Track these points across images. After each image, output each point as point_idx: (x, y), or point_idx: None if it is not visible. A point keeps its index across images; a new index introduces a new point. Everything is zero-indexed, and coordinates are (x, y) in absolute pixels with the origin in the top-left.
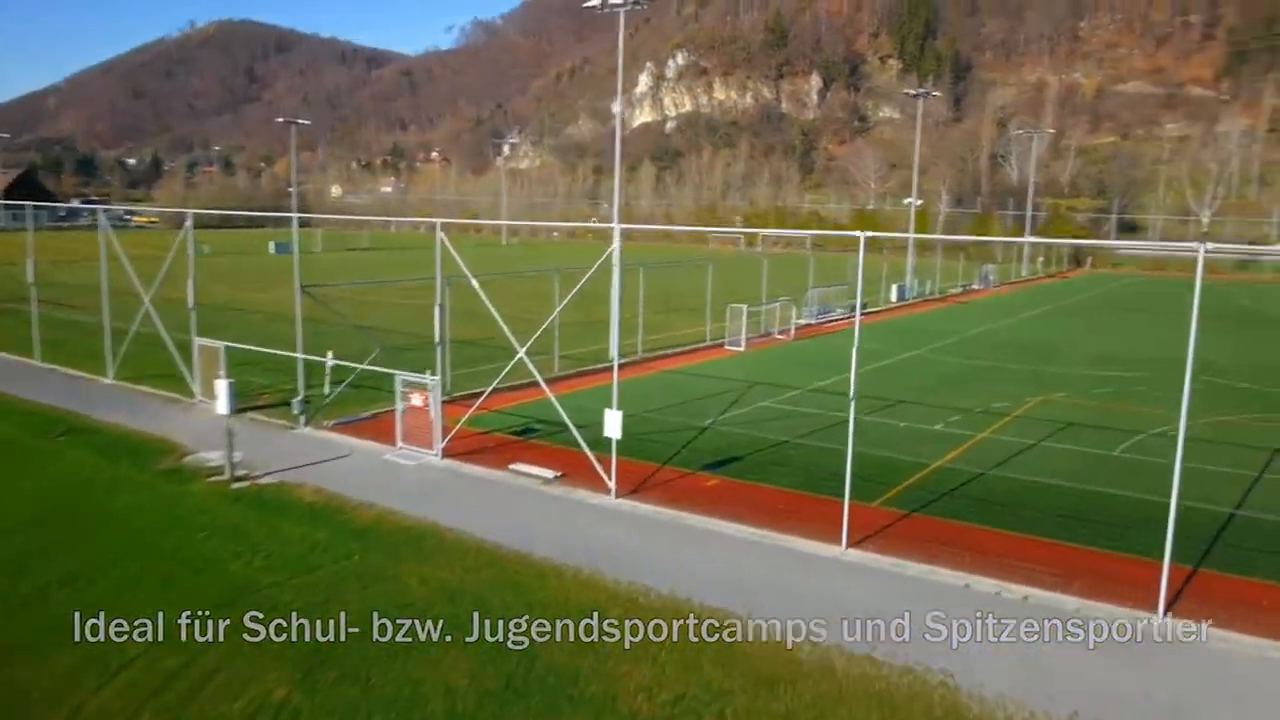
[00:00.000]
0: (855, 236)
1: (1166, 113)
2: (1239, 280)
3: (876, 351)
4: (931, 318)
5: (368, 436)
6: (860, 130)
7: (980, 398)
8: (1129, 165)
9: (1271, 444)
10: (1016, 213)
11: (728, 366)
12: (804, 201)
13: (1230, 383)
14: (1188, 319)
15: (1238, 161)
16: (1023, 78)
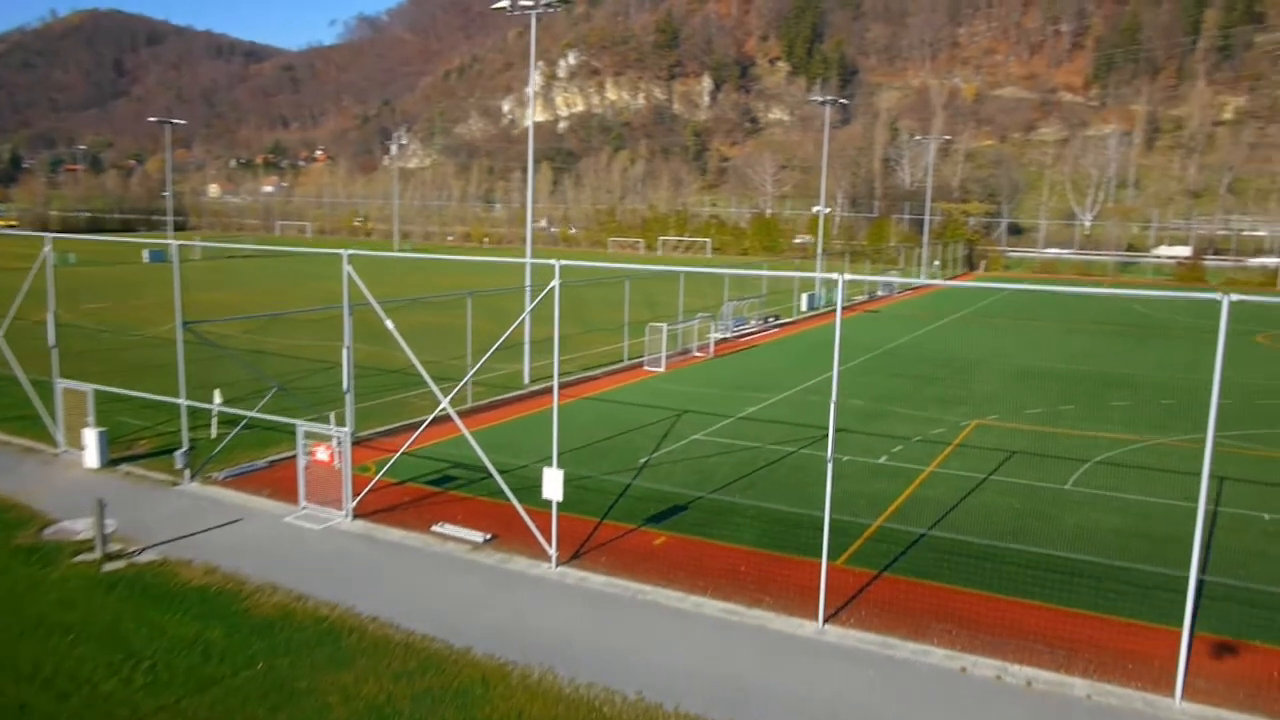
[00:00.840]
0: (832, 279)
1: (1041, 117)
2: (1121, 282)
3: (798, 371)
4: (845, 329)
5: (266, 492)
6: (752, 132)
7: (915, 423)
8: (1013, 169)
9: (1215, 469)
10: (913, 216)
11: (651, 391)
12: (704, 205)
13: (1153, 399)
14: (1094, 327)
15: (1115, 166)
16: (906, 81)
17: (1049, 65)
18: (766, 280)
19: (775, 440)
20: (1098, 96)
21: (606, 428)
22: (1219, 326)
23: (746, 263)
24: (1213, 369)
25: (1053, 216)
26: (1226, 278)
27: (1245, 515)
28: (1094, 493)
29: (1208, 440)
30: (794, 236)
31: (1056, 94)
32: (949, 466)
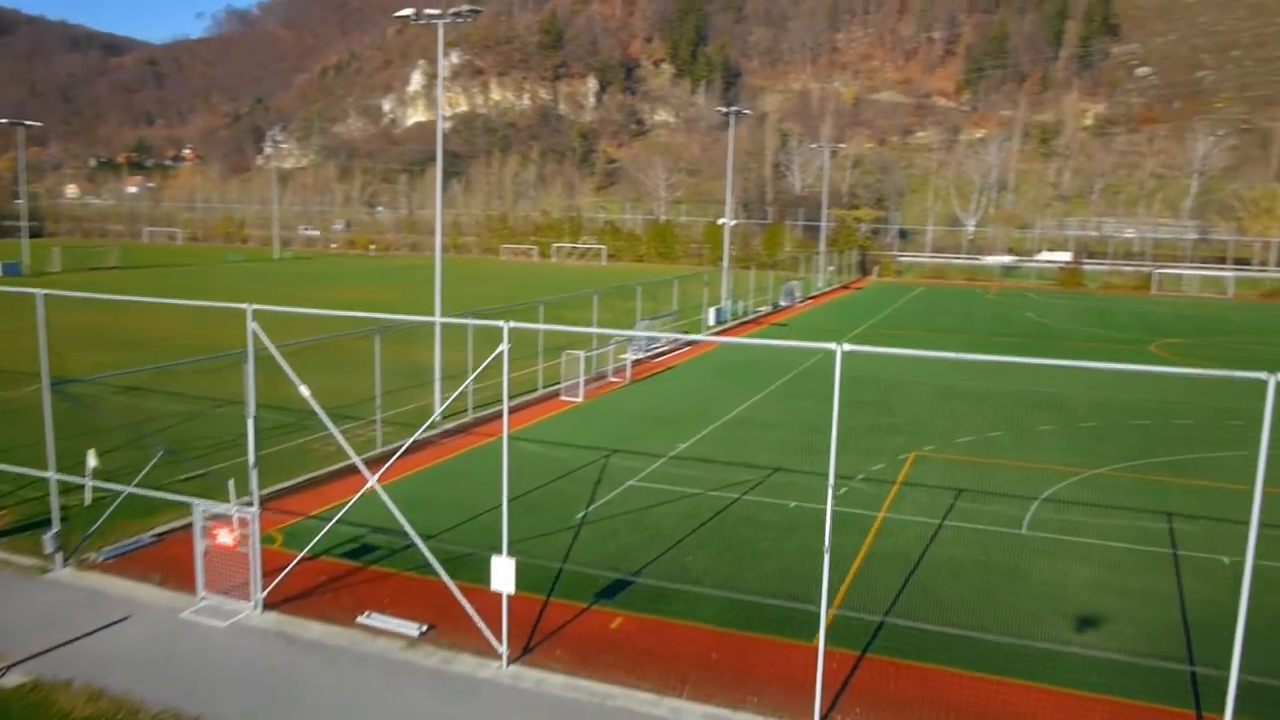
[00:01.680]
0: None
1: (917, 122)
2: (1009, 288)
3: (719, 398)
4: (755, 349)
5: (156, 578)
6: (638, 133)
7: (853, 456)
8: (897, 175)
9: (1159, 504)
10: (807, 223)
11: (573, 427)
12: (598, 211)
13: (1077, 422)
14: (999, 339)
15: (996, 172)
16: (788, 85)
17: (923, 71)
18: (669, 293)
19: (715, 485)
20: (969, 102)
21: (534, 475)
22: (1264, 408)
23: (658, 274)
24: (1125, 385)
25: (938, 222)
26: (1103, 281)
27: (1202, 560)
28: (1053, 538)
29: (1252, 527)
30: (690, 244)
31: (931, 99)
32: (901, 510)
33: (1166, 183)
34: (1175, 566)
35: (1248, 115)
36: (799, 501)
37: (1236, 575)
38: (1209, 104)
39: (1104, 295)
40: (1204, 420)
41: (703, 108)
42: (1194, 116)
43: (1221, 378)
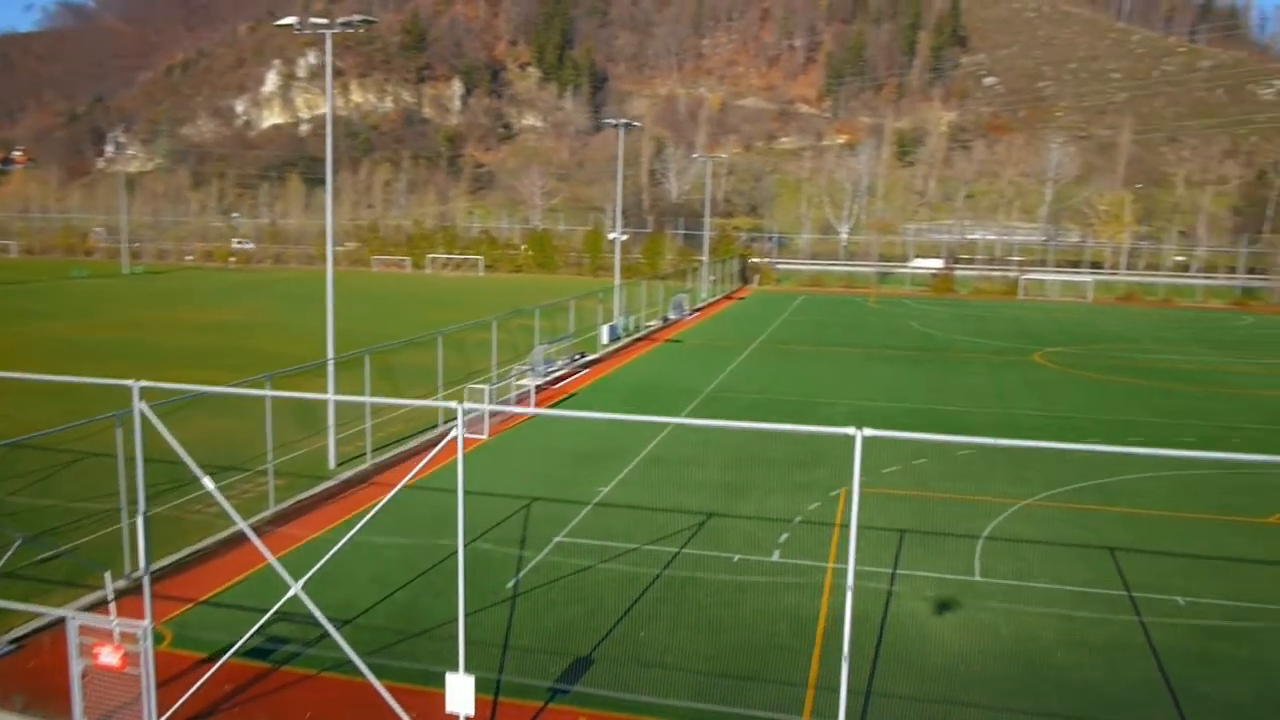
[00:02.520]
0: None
1: (781, 127)
2: (886, 295)
3: (632, 428)
4: (655, 366)
5: (18, 700)
6: (505, 137)
7: (785, 495)
8: (767, 181)
9: (1099, 538)
10: (689, 231)
11: (483, 469)
12: (473, 220)
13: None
14: (888, 351)
15: (866, 179)
16: (655, 90)
17: (785, 78)
18: (559, 310)
19: (650, 537)
20: (831, 109)
21: (451, 532)
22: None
23: (538, 284)
24: (1021, 398)
25: (813, 229)
26: (973, 287)
27: (1157, 601)
28: (1008, 585)
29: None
30: (569, 253)
31: (795, 105)
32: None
33: (1024, 190)
34: (1135, 610)
35: (1084, 124)
36: (741, 554)
37: (1199, 616)
38: (1050, 113)
39: (976, 301)
40: (1109, 438)
41: (571, 112)
42: (1037, 125)
43: (1248, 461)
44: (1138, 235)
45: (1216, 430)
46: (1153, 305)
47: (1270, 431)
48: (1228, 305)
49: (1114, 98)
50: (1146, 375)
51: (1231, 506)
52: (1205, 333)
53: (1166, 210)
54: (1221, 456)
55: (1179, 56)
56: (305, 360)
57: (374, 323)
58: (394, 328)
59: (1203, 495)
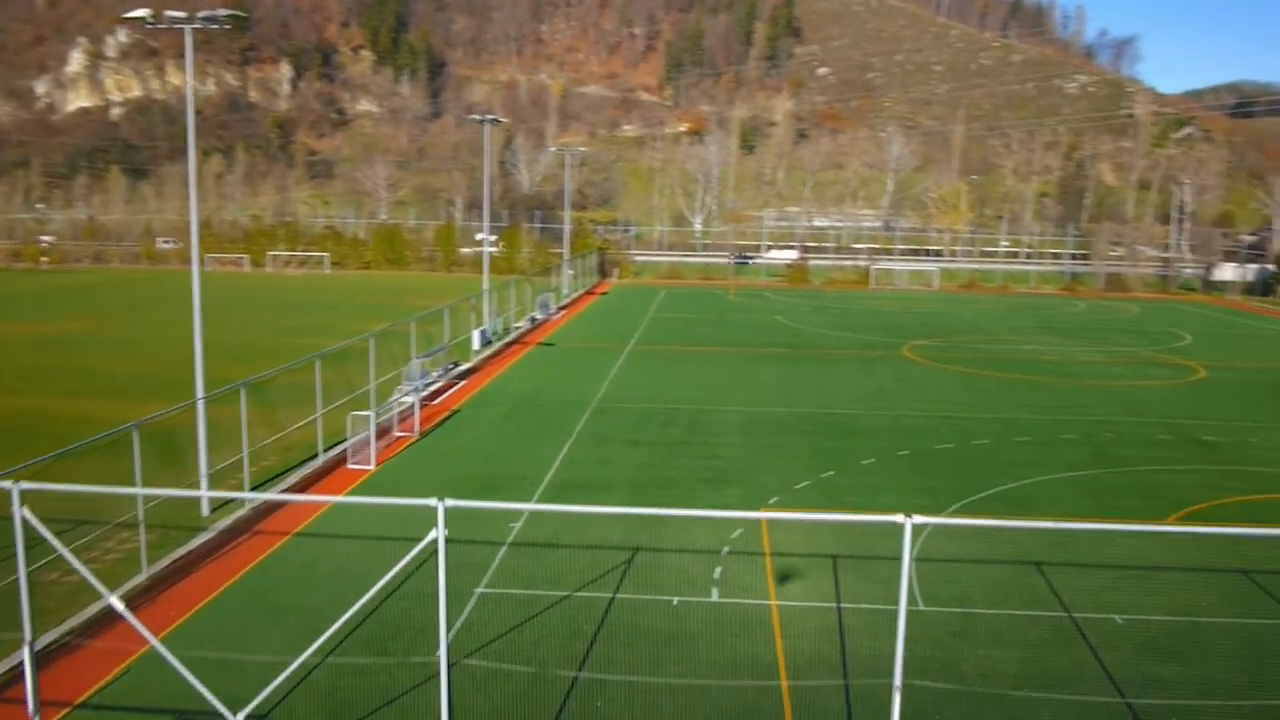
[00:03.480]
0: None
1: (623, 115)
2: (744, 286)
3: (525, 449)
4: (533, 374)
5: None
6: (340, 124)
7: (707, 524)
8: (618, 173)
9: (1021, 553)
10: (547, 225)
11: (362, 511)
12: (317, 215)
13: (889, 450)
14: (766, 350)
15: (716, 170)
16: (495, 76)
17: (626, 65)
18: (418, 316)
19: (578, 582)
20: (672, 97)
21: (357, 588)
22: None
23: (389, 282)
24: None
25: (666, 221)
26: (827, 277)
27: (1097, 621)
28: (955, 613)
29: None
30: (421, 248)
31: (636, 93)
32: (791, 595)
33: (868, 180)
34: (1080, 632)
35: (911, 114)
36: (680, 596)
37: (1140, 634)
38: (880, 103)
39: (831, 292)
40: (997, 439)
41: (408, 97)
42: (869, 115)
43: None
44: (973, 224)
45: (1092, 425)
46: (993, 292)
47: (1138, 424)
48: (1058, 291)
49: (937, 89)
50: (1011, 368)
51: (1127, 509)
52: (1048, 320)
53: (997, 200)
54: (1252, 533)
55: (994, 51)
56: (152, 381)
57: (224, 331)
58: (249, 337)
59: (1098, 498)
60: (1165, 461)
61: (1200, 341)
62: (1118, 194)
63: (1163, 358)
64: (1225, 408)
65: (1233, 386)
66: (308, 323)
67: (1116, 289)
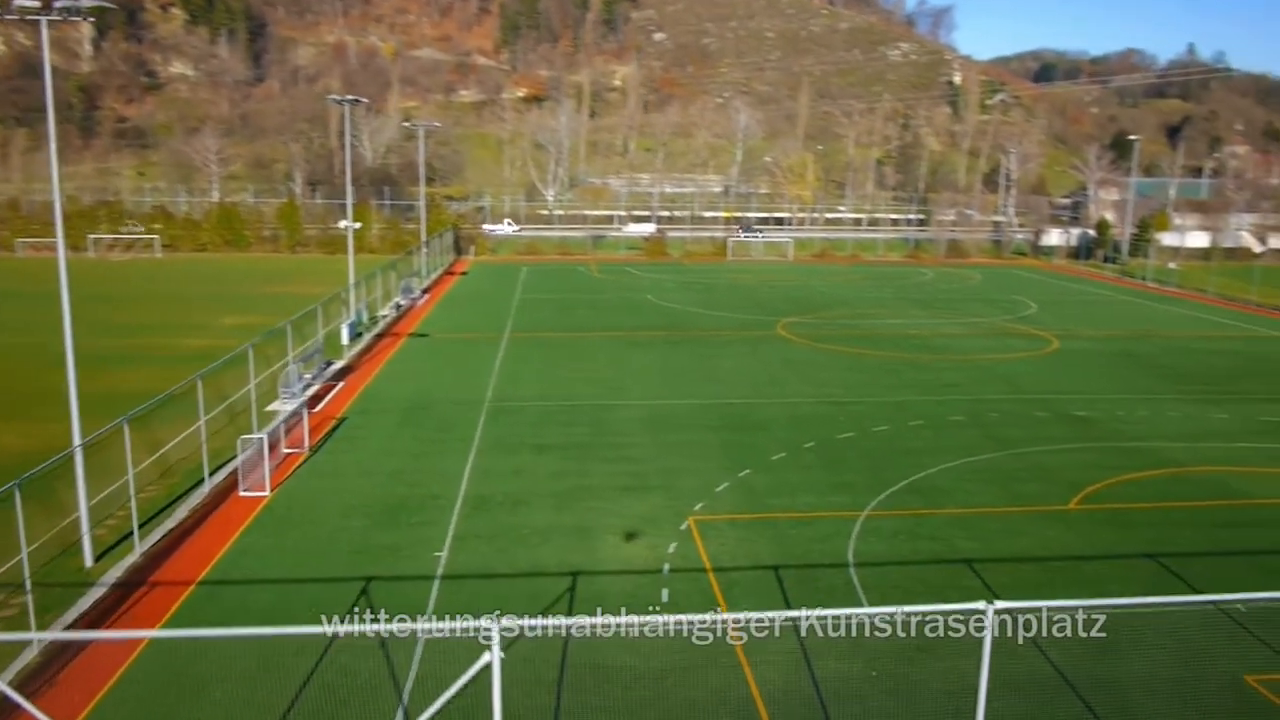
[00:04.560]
0: None
1: (459, 79)
2: (605, 261)
3: (433, 462)
4: (414, 371)
5: None
6: (151, 88)
7: (643, 545)
8: (460, 145)
9: (949, 550)
10: (398, 202)
11: (278, 548)
12: (145, 194)
13: (794, 443)
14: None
15: (567, 141)
16: (320, 37)
17: (460, 28)
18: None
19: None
20: (508, 61)
21: (284, 644)
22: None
23: (230, 265)
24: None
25: (519, 193)
26: (685, 249)
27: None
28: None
29: None
30: (261, 227)
31: (471, 57)
32: (742, 612)
33: (718, 150)
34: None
35: (746, 81)
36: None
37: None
38: (715, 69)
39: (692, 265)
40: (892, 424)
41: (227, 60)
42: (705, 80)
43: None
44: (820, 193)
45: (974, 405)
46: (844, 261)
47: (1015, 402)
48: (905, 259)
49: (770, 55)
50: (885, 345)
51: (1030, 495)
52: (905, 291)
53: (840, 169)
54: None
55: (822, 19)
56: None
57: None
58: (87, 339)
59: (1003, 485)
60: (1050, 441)
61: (1045, 310)
62: (951, 162)
63: (1016, 328)
64: (1085, 380)
65: (1085, 357)
66: (153, 318)
67: (956, 255)
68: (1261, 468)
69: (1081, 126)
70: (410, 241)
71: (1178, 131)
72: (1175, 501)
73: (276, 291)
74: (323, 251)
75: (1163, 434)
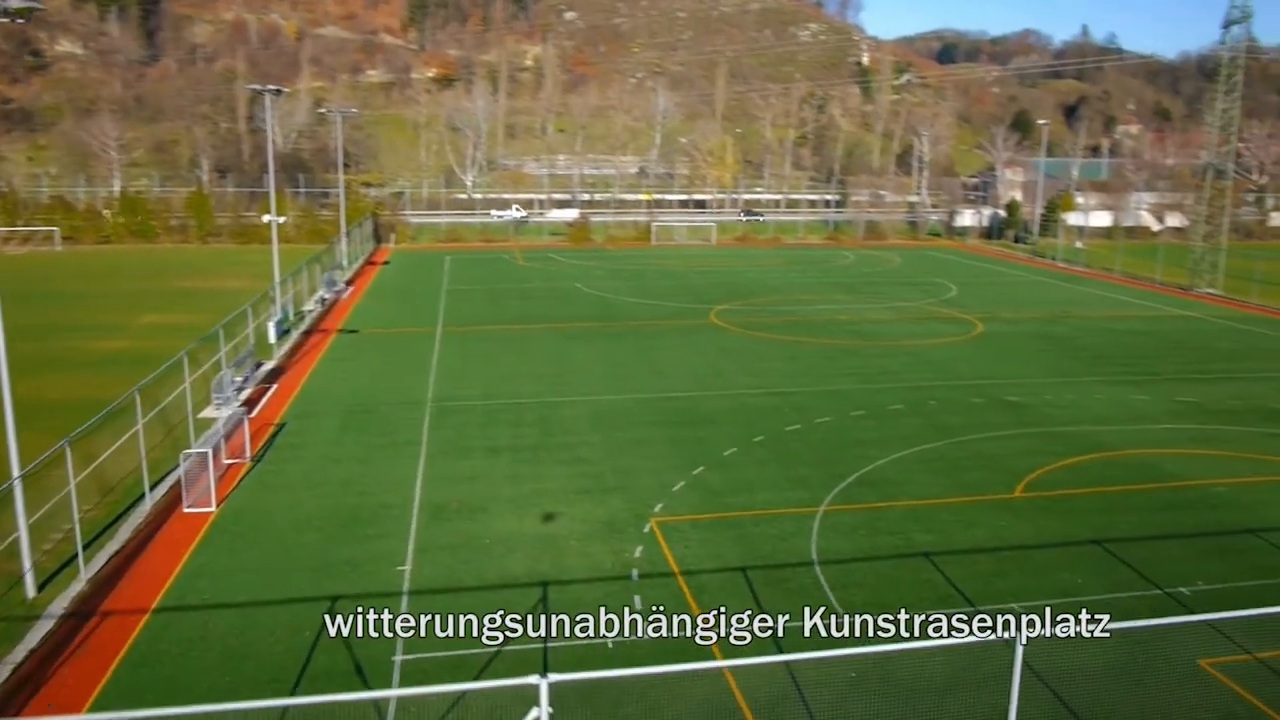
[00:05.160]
0: None
1: (365, 59)
2: (529, 248)
3: (382, 468)
4: (348, 370)
5: None
6: (37, 68)
7: (604, 543)
8: (372, 129)
9: (906, 543)
10: (313, 190)
11: (232, 570)
12: (42, 185)
13: (743, 438)
14: (591, 326)
15: (486, 124)
16: (218, 15)
17: (366, 6)
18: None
19: (511, 652)
20: (416, 41)
21: (258, 677)
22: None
23: (139, 258)
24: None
25: (438, 179)
26: (609, 234)
27: (1000, 612)
28: (872, 619)
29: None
30: (169, 217)
31: (378, 36)
32: (720, 620)
33: (638, 133)
34: (991, 628)
35: (658, 60)
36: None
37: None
38: (628, 49)
39: (618, 251)
40: (836, 415)
41: (119, 38)
42: (618, 60)
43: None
44: (739, 176)
45: (911, 393)
46: (766, 245)
47: (950, 388)
48: (825, 241)
49: (682, 35)
50: (818, 331)
51: (976, 484)
52: (830, 275)
53: (759, 152)
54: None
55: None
56: None
57: None
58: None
59: (949, 474)
60: (988, 428)
61: (965, 292)
62: (865, 144)
63: (941, 311)
64: (1012, 364)
65: (1009, 340)
66: (64, 318)
67: (874, 237)
68: (1186, 449)
69: (985, 107)
70: (328, 230)
71: (1074, 111)
72: (1112, 486)
73: (192, 286)
74: (235, 242)
75: (1092, 418)
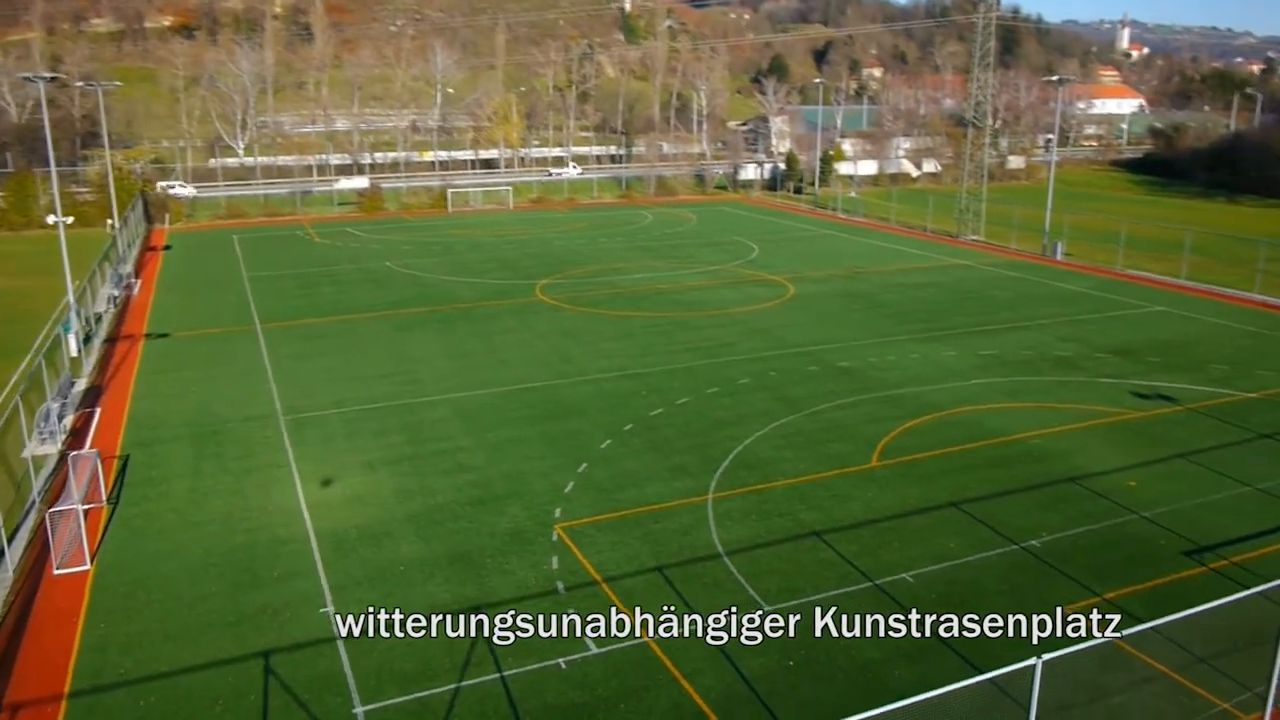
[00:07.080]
0: None
1: (90, 7)
2: (320, 222)
3: (263, 505)
4: (175, 384)
5: None
6: None
7: (520, 558)
8: (116, 93)
9: (796, 525)
10: (63, 168)
11: (129, 636)
12: None
13: (615, 426)
14: (411, 313)
15: (255, 87)
16: None
17: None
18: None
19: (454, 669)
20: None
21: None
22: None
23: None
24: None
25: (203, 149)
26: (402, 202)
27: (897, 584)
28: (792, 604)
29: None
30: None
31: None
32: (654, 623)
33: (419, 93)
34: (895, 602)
35: (418, 8)
36: (563, 656)
37: (933, 589)
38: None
39: (417, 220)
40: (692, 394)
41: None
42: (376, 8)
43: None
44: (525, 136)
45: (751, 364)
46: (562, 206)
47: (784, 357)
48: (619, 200)
49: None
50: (644, 304)
51: (839, 456)
52: (636, 239)
53: (543, 109)
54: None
55: None
56: None
57: None
58: None
59: (811, 448)
60: (831, 397)
61: (766, 251)
62: (646, 98)
63: (751, 274)
64: (831, 327)
65: (820, 301)
66: None
67: (666, 193)
68: (1001, 404)
69: (744, 53)
70: (91, 215)
71: (824, 56)
72: (952, 447)
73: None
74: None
75: (914, 378)
